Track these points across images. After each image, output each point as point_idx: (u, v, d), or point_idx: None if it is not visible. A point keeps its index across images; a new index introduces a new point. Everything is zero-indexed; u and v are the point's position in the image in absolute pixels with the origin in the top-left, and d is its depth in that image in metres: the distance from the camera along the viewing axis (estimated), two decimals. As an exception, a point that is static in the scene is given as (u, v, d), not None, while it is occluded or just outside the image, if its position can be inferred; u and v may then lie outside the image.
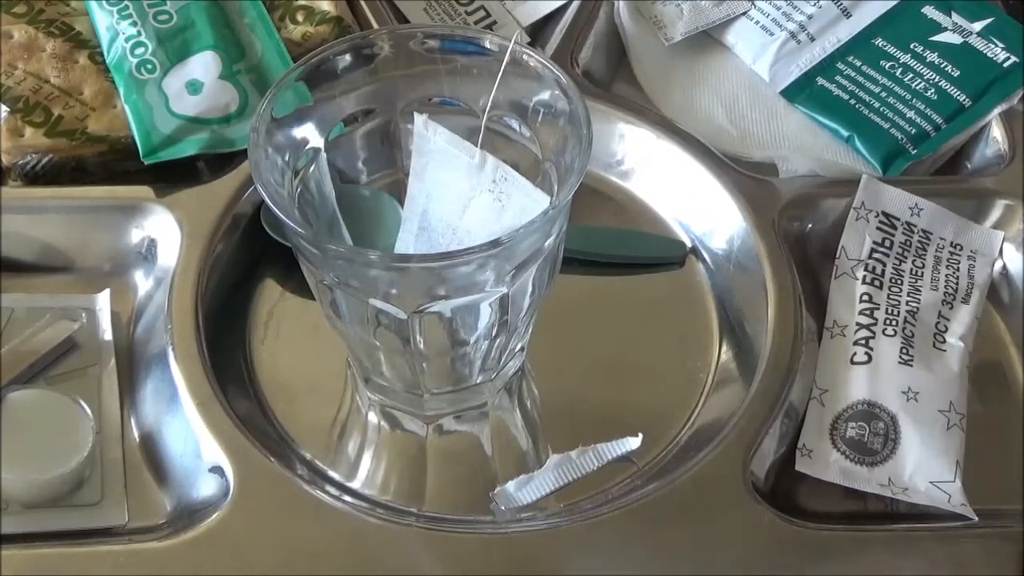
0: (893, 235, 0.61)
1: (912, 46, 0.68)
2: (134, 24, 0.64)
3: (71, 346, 0.57)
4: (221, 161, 0.61)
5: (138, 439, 0.55)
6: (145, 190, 0.60)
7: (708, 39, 0.71)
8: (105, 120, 0.62)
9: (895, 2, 0.70)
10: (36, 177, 0.61)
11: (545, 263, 0.50)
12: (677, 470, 0.53)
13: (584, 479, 0.54)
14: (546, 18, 0.72)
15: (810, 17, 0.70)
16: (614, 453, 0.55)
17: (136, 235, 0.60)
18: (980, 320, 0.59)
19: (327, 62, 0.51)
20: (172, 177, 0.60)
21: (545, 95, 0.50)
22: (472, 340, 0.53)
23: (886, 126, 0.65)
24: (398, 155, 0.54)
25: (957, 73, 0.66)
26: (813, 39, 0.69)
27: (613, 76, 0.71)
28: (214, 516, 0.51)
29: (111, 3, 0.65)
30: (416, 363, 0.53)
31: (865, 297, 0.59)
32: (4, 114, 0.61)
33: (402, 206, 0.52)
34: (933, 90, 0.66)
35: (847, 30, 0.69)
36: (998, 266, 0.62)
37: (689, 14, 0.70)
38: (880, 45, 0.68)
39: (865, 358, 0.56)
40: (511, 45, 0.50)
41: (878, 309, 0.58)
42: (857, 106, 0.66)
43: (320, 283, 0.51)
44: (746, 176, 0.63)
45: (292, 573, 0.50)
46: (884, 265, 0.60)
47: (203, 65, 0.63)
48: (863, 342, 0.57)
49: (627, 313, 0.61)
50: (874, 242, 0.60)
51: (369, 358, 0.55)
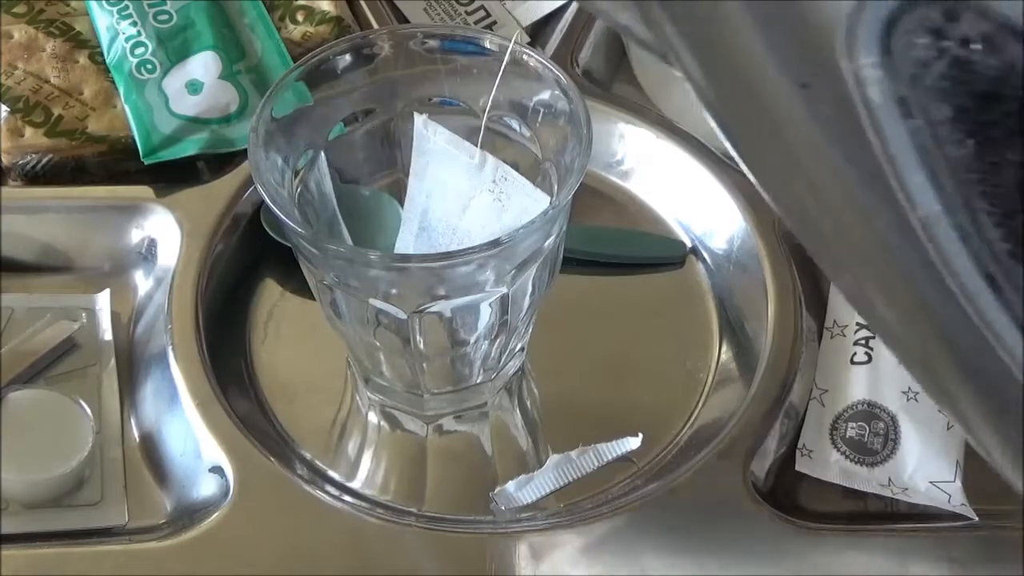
0: (893, 235, 0.61)
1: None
2: (134, 24, 0.64)
3: (71, 346, 0.57)
4: (221, 161, 0.61)
5: (138, 439, 0.55)
6: (145, 190, 0.60)
7: (708, 39, 0.71)
8: (105, 120, 0.62)
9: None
10: (36, 177, 0.61)
11: (545, 263, 0.50)
12: (677, 470, 0.53)
13: (584, 479, 0.54)
14: (546, 18, 0.71)
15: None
16: (614, 453, 0.54)
17: (136, 235, 0.60)
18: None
19: (327, 62, 0.51)
20: (172, 177, 0.60)
21: (545, 95, 0.50)
22: (472, 340, 0.53)
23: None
24: (398, 155, 0.54)
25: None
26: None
27: (613, 76, 0.71)
28: (214, 516, 0.51)
29: (111, 3, 0.65)
30: (416, 363, 0.53)
31: (865, 297, 0.59)
32: (4, 114, 0.61)
33: (402, 206, 0.52)
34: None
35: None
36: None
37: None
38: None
39: (865, 358, 0.56)
40: (511, 45, 0.50)
41: (878, 309, 0.58)
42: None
43: (320, 283, 0.50)
44: (746, 176, 0.62)
45: (292, 573, 0.50)
46: (884, 265, 0.60)
47: (203, 65, 0.63)
48: (863, 342, 0.57)
49: (627, 313, 0.61)
50: (874, 242, 0.60)
51: (369, 358, 0.55)
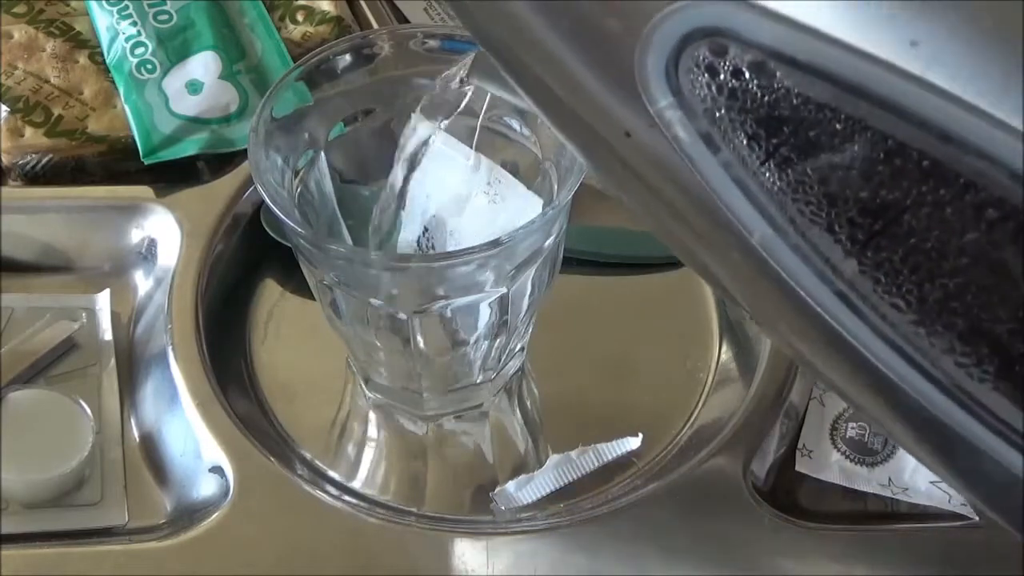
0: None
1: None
2: (134, 24, 0.64)
3: (71, 346, 0.57)
4: (221, 161, 0.61)
5: (138, 439, 0.55)
6: (145, 190, 0.60)
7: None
8: (105, 120, 0.62)
9: None
10: (36, 177, 0.61)
11: (545, 263, 0.50)
12: (677, 470, 0.53)
13: (584, 479, 0.54)
14: (546, 18, 0.71)
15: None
16: (614, 453, 0.54)
17: (136, 235, 0.60)
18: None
19: (327, 62, 0.51)
20: (172, 177, 0.60)
21: (545, 95, 0.50)
22: (472, 340, 0.53)
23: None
24: (398, 155, 0.54)
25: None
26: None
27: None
28: (214, 516, 0.51)
29: (111, 3, 0.65)
30: (416, 363, 0.53)
31: (865, 297, 0.59)
32: (4, 114, 0.61)
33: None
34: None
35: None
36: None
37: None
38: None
39: (865, 358, 0.56)
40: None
41: (878, 309, 0.58)
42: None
43: (320, 283, 0.50)
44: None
45: (292, 573, 0.50)
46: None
47: (203, 65, 0.63)
48: (863, 342, 0.57)
49: (627, 313, 0.61)
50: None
51: (369, 358, 0.55)
